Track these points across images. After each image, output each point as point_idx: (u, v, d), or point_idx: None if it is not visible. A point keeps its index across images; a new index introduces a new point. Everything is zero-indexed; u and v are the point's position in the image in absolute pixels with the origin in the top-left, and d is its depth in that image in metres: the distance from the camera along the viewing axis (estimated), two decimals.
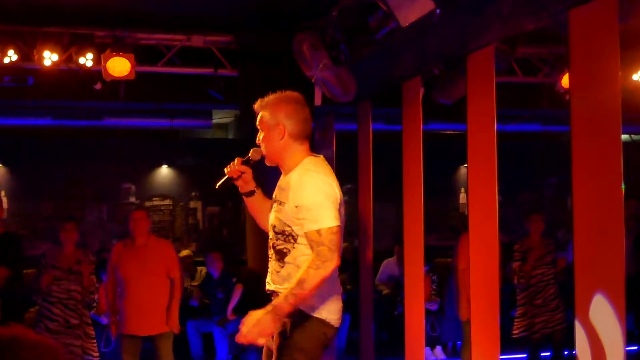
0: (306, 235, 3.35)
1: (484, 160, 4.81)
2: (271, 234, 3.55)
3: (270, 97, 3.51)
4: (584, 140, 3.75)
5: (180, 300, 6.46)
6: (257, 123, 3.54)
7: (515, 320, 7.01)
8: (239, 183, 3.72)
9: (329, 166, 3.56)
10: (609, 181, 3.62)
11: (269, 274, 3.59)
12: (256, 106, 3.53)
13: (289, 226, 3.43)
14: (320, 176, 3.40)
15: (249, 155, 3.65)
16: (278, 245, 3.50)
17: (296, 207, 3.37)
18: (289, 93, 3.53)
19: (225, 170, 3.69)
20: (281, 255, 3.49)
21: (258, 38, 6.51)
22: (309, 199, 3.34)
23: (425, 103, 5.89)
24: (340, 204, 3.43)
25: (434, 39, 5.42)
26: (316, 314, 3.53)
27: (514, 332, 6.96)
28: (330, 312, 3.59)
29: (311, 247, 3.35)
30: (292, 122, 3.46)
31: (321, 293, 3.51)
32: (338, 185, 3.47)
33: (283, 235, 3.47)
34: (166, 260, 6.29)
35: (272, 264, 3.56)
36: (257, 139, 3.57)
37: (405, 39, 5.59)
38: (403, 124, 5.96)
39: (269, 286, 3.58)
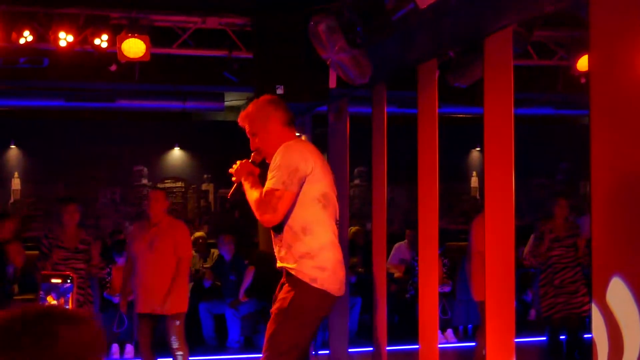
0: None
1: (500, 143, 4.80)
2: None
3: (249, 109, 4.10)
4: (604, 123, 3.74)
5: (188, 283, 6.51)
6: (248, 132, 4.08)
7: (540, 299, 7.14)
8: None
9: (309, 145, 4.11)
10: (629, 164, 3.61)
11: (275, 251, 3.98)
12: (241, 121, 4.09)
13: None
14: (288, 147, 3.88)
15: (252, 159, 4.08)
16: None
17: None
18: (261, 99, 4.14)
19: (231, 171, 4.10)
20: (278, 229, 3.89)
21: (274, 20, 6.48)
22: (273, 163, 3.87)
23: (439, 86, 5.87)
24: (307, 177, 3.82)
25: (451, 22, 5.40)
26: (318, 285, 3.76)
27: (541, 311, 7.10)
28: (331, 282, 3.80)
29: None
30: (277, 119, 4.00)
31: (322, 264, 3.77)
32: (314, 161, 3.86)
33: None
34: (176, 240, 6.34)
35: (274, 241, 3.97)
36: (251, 147, 4.07)
37: (422, 21, 5.57)
38: (418, 107, 5.95)
39: (278, 264, 3.95)
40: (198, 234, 10.13)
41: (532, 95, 9.74)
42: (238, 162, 4.06)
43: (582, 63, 6.81)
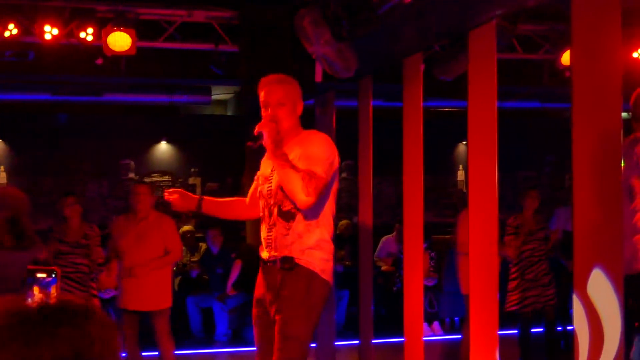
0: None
1: (484, 137, 4.83)
2: (271, 200, 3.83)
3: (286, 79, 3.91)
4: (585, 116, 3.78)
5: (171, 277, 6.52)
6: (274, 99, 3.81)
7: (508, 293, 7.09)
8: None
9: None
10: (608, 157, 3.65)
11: (265, 241, 3.85)
12: (272, 83, 3.82)
13: None
14: (326, 139, 3.86)
15: (257, 130, 3.81)
16: (285, 206, 3.77)
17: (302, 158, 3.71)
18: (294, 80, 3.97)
19: (259, 126, 3.79)
20: (288, 216, 3.76)
21: (259, 13, 6.49)
22: (312, 153, 3.74)
23: (424, 80, 5.90)
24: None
25: (436, 15, 5.42)
26: (325, 276, 3.80)
27: (506, 305, 7.03)
28: (331, 273, 3.89)
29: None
30: (301, 104, 3.93)
31: (328, 256, 3.83)
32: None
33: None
34: (164, 235, 6.31)
35: (276, 229, 3.79)
36: (269, 115, 3.81)
37: (407, 15, 5.59)
38: (404, 100, 5.97)
39: (271, 252, 3.81)
40: (186, 227, 10.13)
41: (518, 89, 9.80)
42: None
43: (567, 57, 6.85)
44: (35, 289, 2.94)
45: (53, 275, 2.09)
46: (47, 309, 1.31)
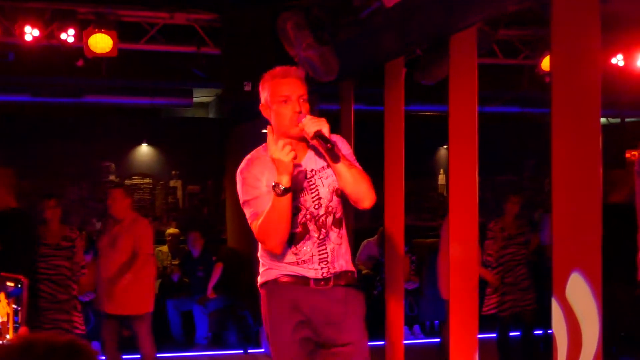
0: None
1: (465, 141, 4.86)
2: (322, 210, 3.31)
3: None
4: (564, 122, 3.81)
5: (154, 281, 6.51)
6: (303, 91, 3.26)
7: (486, 297, 7.11)
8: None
9: None
10: (587, 162, 3.69)
11: (318, 257, 3.30)
12: (299, 74, 3.30)
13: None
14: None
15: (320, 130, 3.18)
16: (338, 213, 3.36)
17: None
18: None
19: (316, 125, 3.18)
20: (340, 223, 3.39)
21: (242, 16, 6.49)
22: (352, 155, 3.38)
23: (406, 84, 5.93)
24: None
25: (418, 20, 5.45)
26: None
27: (484, 309, 7.05)
28: None
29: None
30: None
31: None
32: None
33: (340, 196, 3.35)
34: (137, 238, 6.31)
35: (330, 241, 3.33)
36: (303, 108, 3.21)
37: (389, 19, 5.61)
38: (385, 104, 5.99)
39: (331, 268, 3.31)
40: (171, 230, 10.11)
41: (498, 94, 9.85)
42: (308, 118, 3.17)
43: (546, 62, 6.90)
44: (1, 295, 2.89)
45: (19, 286, 2.03)
46: (33, 348, 1.27)
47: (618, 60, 7.83)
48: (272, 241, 3.18)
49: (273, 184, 3.09)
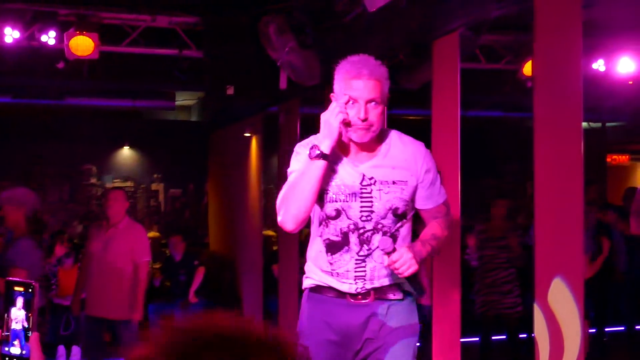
0: (434, 208, 3.01)
1: (447, 145, 4.87)
2: (369, 225, 2.92)
3: (382, 66, 3.04)
4: (546, 126, 3.83)
5: (145, 289, 6.38)
6: (376, 95, 2.94)
7: (476, 295, 7.22)
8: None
9: None
10: (569, 167, 3.70)
11: (354, 273, 2.92)
12: (376, 74, 2.96)
13: (407, 204, 2.97)
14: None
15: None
16: (392, 229, 2.94)
17: (421, 182, 2.97)
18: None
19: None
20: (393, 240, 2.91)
21: (224, 19, 6.48)
22: (434, 171, 3.03)
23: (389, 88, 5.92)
24: None
25: (401, 25, 5.45)
26: None
27: (475, 308, 7.16)
28: None
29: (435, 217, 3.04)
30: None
31: None
32: None
33: (400, 217, 2.96)
34: (133, 244, 6.18)
35: (374, 259, 2.93)
36: (365, 114, 2.90)
37: (372, 24, 5.61)
38: None
39: (368, 284, 2.93)
40: (151, 234, 10.05)
41: (481, 98, 9.89)
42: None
43: (529, 67, 6.93)
44: (19, 302, 2.82)
45: (30, 290, 1.97)
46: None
47: (599, 65, 7.90)
48: (287, 211, 2.86)
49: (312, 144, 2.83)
